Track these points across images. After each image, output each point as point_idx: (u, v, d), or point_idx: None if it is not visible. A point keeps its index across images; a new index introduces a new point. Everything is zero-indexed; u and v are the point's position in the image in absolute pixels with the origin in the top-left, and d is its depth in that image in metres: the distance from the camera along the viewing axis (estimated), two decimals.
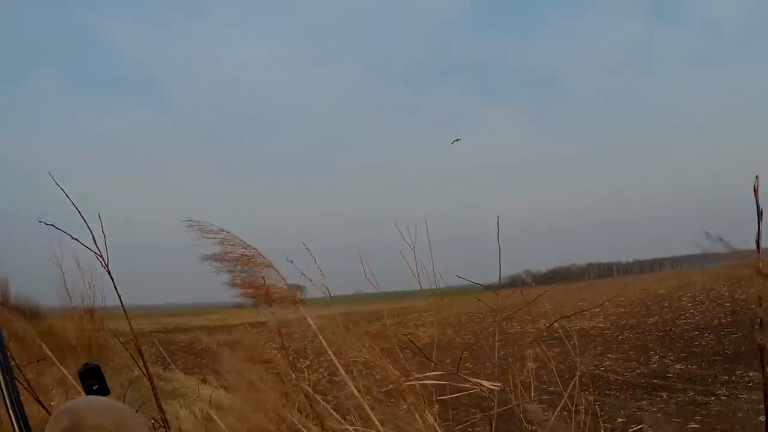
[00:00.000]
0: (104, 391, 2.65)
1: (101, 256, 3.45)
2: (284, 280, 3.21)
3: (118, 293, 3.63)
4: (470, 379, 3.12)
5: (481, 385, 3.09)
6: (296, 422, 2.96)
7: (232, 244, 3.21)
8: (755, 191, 1.89)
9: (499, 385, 3.17)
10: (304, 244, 3.52)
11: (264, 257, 3.21)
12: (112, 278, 3.55)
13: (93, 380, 2.60)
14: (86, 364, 2.68)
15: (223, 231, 3.22)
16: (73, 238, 3.34)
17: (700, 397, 11.54)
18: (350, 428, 2.89)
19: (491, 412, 3.58)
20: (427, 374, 3.11)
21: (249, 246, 3.22)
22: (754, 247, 2.05)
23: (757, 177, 1.89)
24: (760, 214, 1.91)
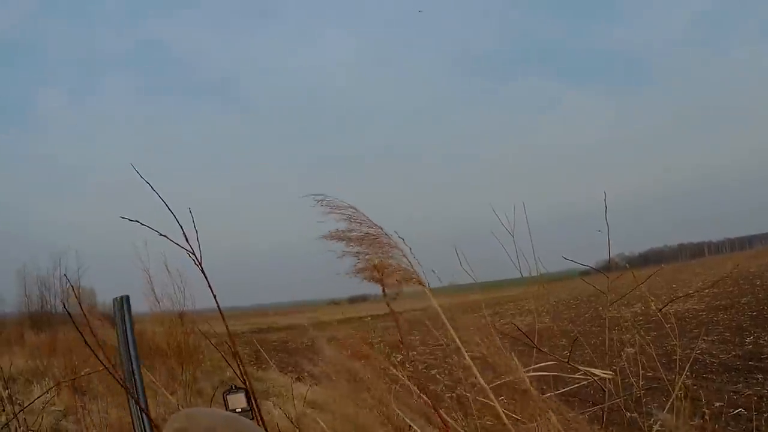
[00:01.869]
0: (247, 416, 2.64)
1: (193, 253, 3.32)
2: (410, 261, 3.08)
3: (213, 292, 3.48)
4: (582, 368, 2.99)
5: (593, 373, 2.97)
6: (406, 419, 2.86)
7: (359, 222, 3.08)
8: None
9: (611, 373, 3.04)
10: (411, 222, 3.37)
11: (389, 236, 3.07)
12: (206, 276, 3.41)
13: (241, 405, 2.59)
14: (233, 386, 2.67)
15: (351, 207, 3.09)
16: (161, 234, 3.18)
17: None
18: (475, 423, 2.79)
19: (604, 404, 3.45)
20: (541, 365, 2.99)
21: (375, 225, 3.09)
22: None
23: None
24: None
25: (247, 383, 3.62)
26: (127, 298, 2.55)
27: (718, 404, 9.82)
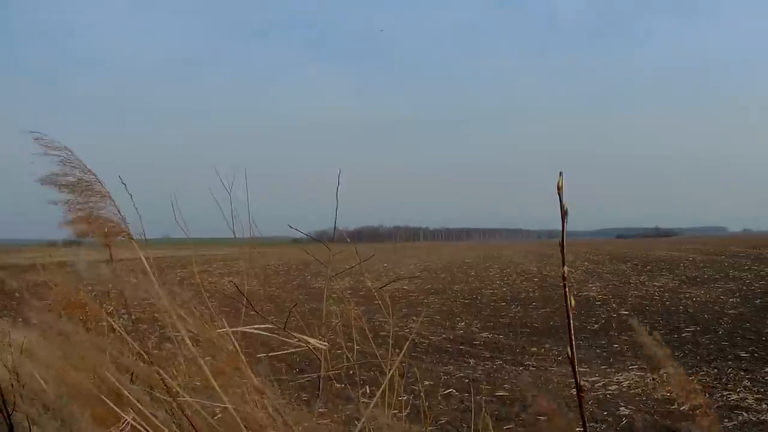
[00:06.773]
0: None
1: None
2: (120, 213, 2.98)
3: None
4: (297, 335, 3.01)
5: (308, 342, 3.00)
6: (117, 383, 2.77)
7: (72, 166, 2.93)
8: (559, 188, 1.87)
9: (326, 344, 3.08)
10: (120, 178, 3.25)
11: (102, 185, 2.96)
12: None
13: None
14: None
15: (66, 149, 2.94)
16: None
17: (508, 366, 11.77)
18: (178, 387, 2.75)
19: (320, 373, 3.49)
20: (256, 327, 2.98)
21: (89, 171, 2.96)
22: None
23: (561, 173, 1.87)
24: (564, 212, 1.89)
25: None
26: None
27: (427, 383, 10.22)
